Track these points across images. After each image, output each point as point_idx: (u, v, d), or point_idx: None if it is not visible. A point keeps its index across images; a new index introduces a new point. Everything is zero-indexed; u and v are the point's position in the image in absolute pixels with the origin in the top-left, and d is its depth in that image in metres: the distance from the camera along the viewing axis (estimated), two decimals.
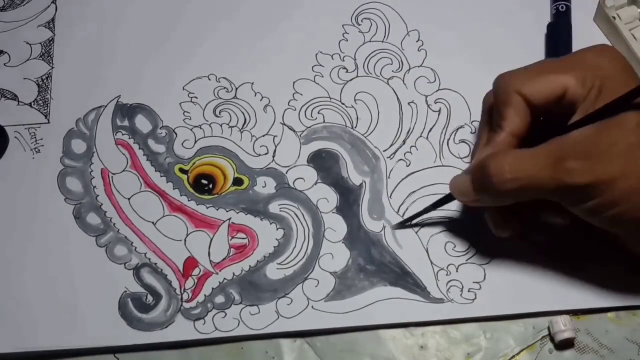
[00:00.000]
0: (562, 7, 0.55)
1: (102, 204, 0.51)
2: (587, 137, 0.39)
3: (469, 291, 0.48)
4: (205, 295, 0.48)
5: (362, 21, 0.56)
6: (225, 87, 0.55)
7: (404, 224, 0.50)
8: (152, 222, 0.50)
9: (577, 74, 0.40)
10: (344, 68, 0.55)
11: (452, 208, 0.50)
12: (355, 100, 0.54)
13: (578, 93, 0.40)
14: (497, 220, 0.45)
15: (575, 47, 0.53)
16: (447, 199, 0.47)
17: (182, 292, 0.49)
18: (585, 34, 0.54)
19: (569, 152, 0.39)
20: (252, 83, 0.55)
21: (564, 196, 0.40)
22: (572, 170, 0.39)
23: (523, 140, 0.42)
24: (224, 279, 0.49)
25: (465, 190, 0.43)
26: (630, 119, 0.39)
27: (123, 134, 0.53)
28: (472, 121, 0.53)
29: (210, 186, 0.52)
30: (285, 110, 0.54)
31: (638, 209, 0.39)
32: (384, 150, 0.52)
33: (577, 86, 0.40)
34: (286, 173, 0.52)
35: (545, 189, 0.40)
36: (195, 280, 0.49)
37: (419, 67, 0.55)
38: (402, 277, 0.48)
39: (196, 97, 0.54)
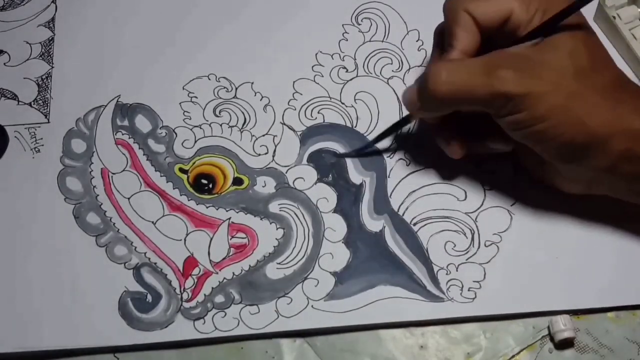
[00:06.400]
0: None
1: (102, 204, 0.51)
2: (522, 53, 0.41)
3: (469, 290, 0.48)
4: (205, 294, 0.48)
5: (362, 21, 0.56)
6: (225, 87, 0.55)
7: (362, 150, 0.52)
8: (152, 222, 0.50)
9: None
10: (344, 68, 0.55)
11: (452, 207, 0.50)
12: (355, 99, 0.54)
13: (522, 18, 0.42)
14: (441, 138, 0.47)
15: None
16: (407, 118, 0.49)
17: (182, 291, 0.49)
18: None
19: (504, 62, 0.41)
20: (252, 83, 0.55)
21: (495, 105, 0.42)
22: (504, 79, 0.40)
23: None
24: (224, 278, 0.49)
25: (410, 98, 0.45)
26: (565, 43, 0.41)
27: (123, 134, 0.53)
28: None
29: (210, 186, 0.52)
30: (285, 110, 0.54)
31: (562, 126, 0.41)
32: (384, 150, 0.52)
33: (521, 10, 0.42)
34: (286, 172, 0.52)
35: (478, 95, 0.41)
36: (195, 280, 0.49)
37: (419, 67, 0.55)
38: (402, 277, 0.48)
39: (196, 97, 0.54)
